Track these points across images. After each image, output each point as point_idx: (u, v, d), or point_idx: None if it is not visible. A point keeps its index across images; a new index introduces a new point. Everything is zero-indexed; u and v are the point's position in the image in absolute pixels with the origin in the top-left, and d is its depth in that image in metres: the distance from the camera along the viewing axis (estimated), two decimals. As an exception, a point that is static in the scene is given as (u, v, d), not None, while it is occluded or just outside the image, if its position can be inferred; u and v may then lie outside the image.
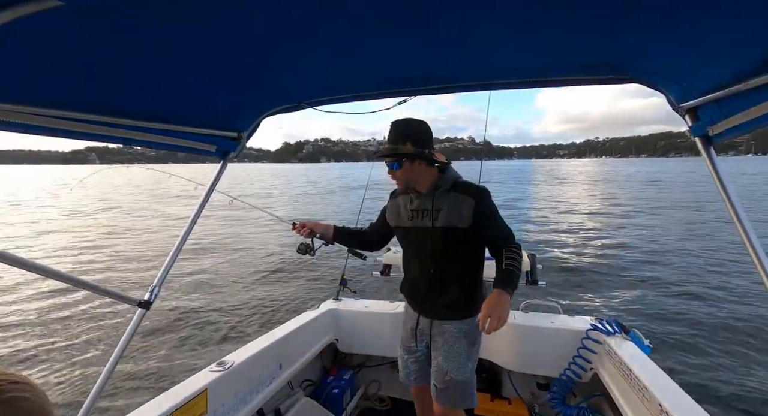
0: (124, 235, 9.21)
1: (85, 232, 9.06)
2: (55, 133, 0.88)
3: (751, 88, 0.71)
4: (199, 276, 7.28)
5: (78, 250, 8.12)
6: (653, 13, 0.65)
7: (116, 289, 1.25)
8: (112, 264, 7.82)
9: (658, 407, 1.48)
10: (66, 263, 7.92)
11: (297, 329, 2.21)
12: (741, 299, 5.84)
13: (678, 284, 6.67)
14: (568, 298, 5.94)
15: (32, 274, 1.41)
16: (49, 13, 0.54)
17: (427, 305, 1.72)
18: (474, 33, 0.78)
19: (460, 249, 1.61)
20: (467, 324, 1.64)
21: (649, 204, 19.80)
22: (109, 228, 9.66)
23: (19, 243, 9.54)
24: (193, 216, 1.41)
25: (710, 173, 0.86)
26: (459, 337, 1.63)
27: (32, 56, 0.69)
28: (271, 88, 1.15)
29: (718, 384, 3.66)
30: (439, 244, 1.59)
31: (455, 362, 1.61)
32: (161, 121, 1.09)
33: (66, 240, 8.42)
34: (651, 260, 8.45)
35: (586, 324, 2.22)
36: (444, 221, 1.56)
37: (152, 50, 0.77)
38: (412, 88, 1.18)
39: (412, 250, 1.74)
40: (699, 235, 11.13)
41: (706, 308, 5.56)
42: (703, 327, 4.89)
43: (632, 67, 0.92)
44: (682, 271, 7.52)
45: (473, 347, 1.66)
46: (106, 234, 9.15)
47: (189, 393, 1.46)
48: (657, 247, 9.74)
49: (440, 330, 1.67)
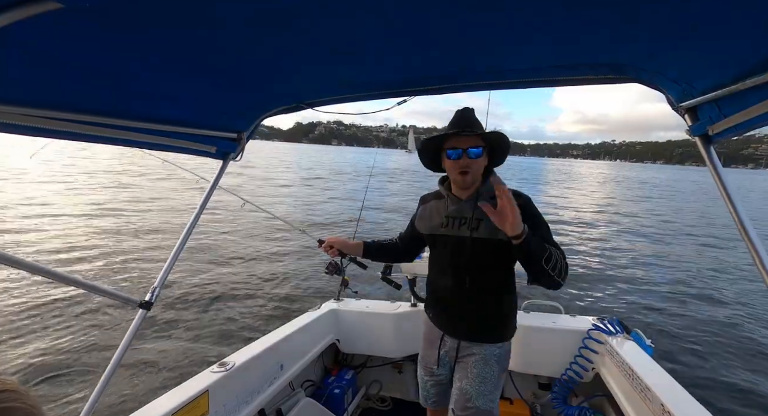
0: (125, 236, 9.25)
1: (86, 232, 9.10)
2: (55, 134, 0.88)
3: (751, 87, 0.71)
4: (200, 276, 7.29)
5: (78, 251, 8.15)
6: (653, 13, 0.65)
7: (117, 290, 1.25)
8: (113, 265, 7.84)
9: (660, 407, 1.48)
10: (66, 263, 7.94)
11: (298, 329, 2.21)
12: (744, 298, 5.82)
13: (680, 284, 6.66)
14: (570, 298, 5.93)
15: (32, 275, 1.41)
16: (49, 16, 0.54)
17: (456, 324, 1.53)
18: (473, 33, 0.78)
19: (500, 264, 1.45)
20: (499, 348, 1.48)
21: (655, 207, 19.76)
22: (109, 227, 9.69)
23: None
24: (194, 217, 1.41)
25: (710, 172, 0.86)
26: (490, 362, 1.45)
27: (32, 58, 0.69)
28: (271, 89, 1.16)
29: (720, 384, 3.65)
30: (478, 257, 1.43)
31: (482, 388, 1.43)
32: (161, 123, 1.10)
33: (67, 240, 8.47)
34: (653, 260, 8.43)
35: (588, 323, 2.21)
36: (486, 232, 1.39)
37: (151, 52, 0.77)
38: (412, 88, 1.18)
39: (444, 261, 1.54)
40: (701, 236, 11.10)
41: (708, 307, 5.54)
42: (706, 327, 4.87)
43: (632, 67, 0.92)
44: (685, 271, 7.50)
45: (503, 374, 1.49)
46: (106, 234, 9.19)
47: (190, 393, 1.47)
48: (659, 248, 9.72)
49: (469, 352, 1.49)
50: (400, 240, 1.81)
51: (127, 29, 0.67)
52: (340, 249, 1.79)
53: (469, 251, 1.44)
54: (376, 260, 1.87)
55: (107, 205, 11.34)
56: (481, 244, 1.41)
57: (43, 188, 14.40)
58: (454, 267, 1.49)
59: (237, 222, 10.90)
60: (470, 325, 1.49)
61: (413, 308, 2.58)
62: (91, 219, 10.13)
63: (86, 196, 12.94)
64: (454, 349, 1.53)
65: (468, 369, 1.46)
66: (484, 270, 1.45)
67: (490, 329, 1.48)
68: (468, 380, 1.45)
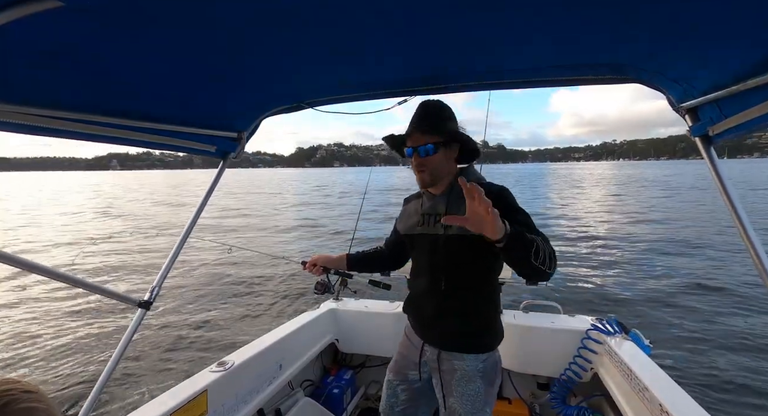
0: (125, 236, 9.23)
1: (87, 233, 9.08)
2: (56, 133, 0.88)
3: (751, 88, 0.71)
4: (200, 277, 7.29)
5: (78, 251, 8.14)
6: (653, 13, 0.65)
7: (116, 289, 1.25)
8: (113, 265, 7.83)
9: (658, 407, 1.48)
10: (66, 263, 7.92)
11: (297, 329, 2.21)
12: (743, 299, 5.83)
13: (680, 284, 6.67)
14: (569, 298, 5.94)
15: (32, 275, 1.42)
16: (50, 14, 0.54)
17: (435, 330, 1.41)
18: (473, 33, 0.78)
19: (477, 262, 1.33)
20: (484, 361, 1.34)
21: (654, 205, 19.80)
22: (110, 229, 9.68)
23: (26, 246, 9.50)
24: (193, 217, 1.41)
25: (710, 172, 0.86)
26: (474, 378, 1.32)
27: (33, 57, 0.69)
28: (271, 88, 1.15)
29: (719, 384, 3.66)
30: (453, 255, 1.33)
31: (470, 407, 1.31)
32: (161, 122, 1.09)
33: (67, 240, 8.44)
34: (652, 259, 8.45)
35: (587, 323, 2.21)
36: (459, 229, 1.26)
37: (152, 51, 0.77)
38: (412, 88, 1.18)
39: (420, 261, 1.46)
40: (702, 236, 11.12)
41: (707, 307, 5.55)
42: (704, 327, 4.89)
43: (633, 68, 0.92)
44: (684, 271, 7.52)
45: (491, 388, 1.36)
46: (107, 235, 9.18)
47: (189, 393, 1.46)
48: (658, 246, 9.74)
49: (450, 366, 1.36)
50: (386, 246, 1.72)
51: (128, 28, 0.67)
52: (324, 265, 1.74)
53: (444, 249, 1.34)
54: (363, 271, 1.80)
55: (107, 204, 11.32)
56: (455, 242, 1.31)
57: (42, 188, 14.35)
58: (431, 267, 1.39)
59: (238, 224, 10.88)
60: (449, 330, 1.37)
61: None
62: (90, 219, 10.11)
63: (86, 195, 12.91)
64: (435, 360, 1.40)
65: (454, 386, 1.34)
66: (461, 269, 1.34)
67: (471, 335, 1.35)
68: (455, 398, 1.34)
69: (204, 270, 7.63)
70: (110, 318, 5.36)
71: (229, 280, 7.01)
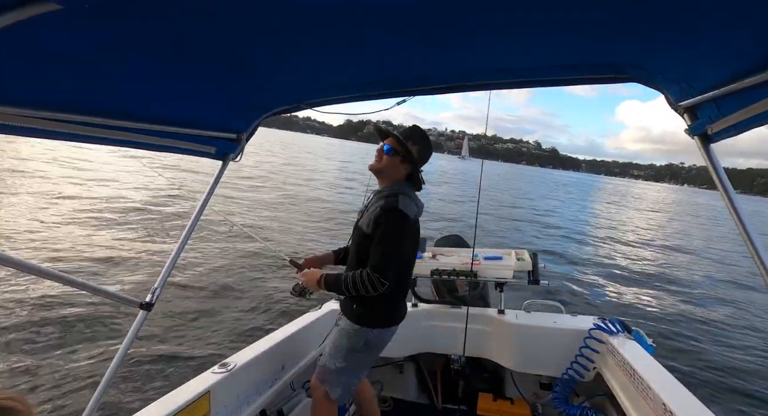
0: (125, 237, 9.26)
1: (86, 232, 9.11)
2: (54, 135, 0.87)
3: (750, 86, 0.71)
4: (200, 277, 7.30)
5: (78, 251, 8.16)
6: (652, 12, 0.65)
7: (118, 291, 1.25)
8: (113, 266, 7.85)
9: (662, 406, 1.47)
10: (66, 263, 7.95)
11: (299, 330, 2.21)
12: (746, 297, 5.81)
13: (681, 283, 6.65)
14: (571, 298, 5.93)
15: (33, 276, 1.42)
16: (47, 17, 0.54)
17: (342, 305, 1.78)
18: (473, 33, 0.78)
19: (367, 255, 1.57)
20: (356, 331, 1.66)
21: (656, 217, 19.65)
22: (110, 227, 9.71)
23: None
24: (194, 218, 1.41)
25: (710, 172, 0.86)
26: (342, 334, 1.69)
27: (30, 59, 0.69)
28: (270, 89, 1.16)
29: (722, 383, 3.64)
30: (356, 245, 1.67)
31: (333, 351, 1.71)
32: (160, 123, 1.09)
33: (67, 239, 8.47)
34: (654, 259, 8.42)
35: (589, 323, 2.21)
36: (363, 222, 1.62)
37: (151, 52, 0.77)
38: (412, 88, 1.19)
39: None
40: (704, 237, 11.07)
41: (710, 306, 5.53)
42: (707, 326, 4.87)
43: (632, 67, 0.92)
44: (686, 270, 7.49)
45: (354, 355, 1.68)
46: (106, 234, 9.21)
47: (191, 395, 1.47)
48: (660, 246, 9.70)
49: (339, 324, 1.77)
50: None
51: (126, 30, 0.67)
52: (311, 267, 1.81)
53: (354, 240, 1.70)
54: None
55: (107, 205, 11.36)
56: (358, 234, 1.66)
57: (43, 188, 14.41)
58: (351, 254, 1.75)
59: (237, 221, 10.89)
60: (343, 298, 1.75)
61: (414, 308, 2.57)
62: (91, 219, 10.15)
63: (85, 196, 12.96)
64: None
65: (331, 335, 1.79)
66: (361, 255, 1.62)
67: (350, 306, 1.69)
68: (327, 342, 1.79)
69: (204, 270, 7.65)
70: (110, 320, 5.36)
71: (230, 280, 7.02)
